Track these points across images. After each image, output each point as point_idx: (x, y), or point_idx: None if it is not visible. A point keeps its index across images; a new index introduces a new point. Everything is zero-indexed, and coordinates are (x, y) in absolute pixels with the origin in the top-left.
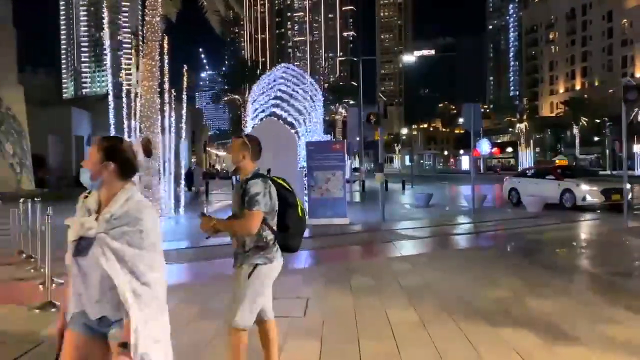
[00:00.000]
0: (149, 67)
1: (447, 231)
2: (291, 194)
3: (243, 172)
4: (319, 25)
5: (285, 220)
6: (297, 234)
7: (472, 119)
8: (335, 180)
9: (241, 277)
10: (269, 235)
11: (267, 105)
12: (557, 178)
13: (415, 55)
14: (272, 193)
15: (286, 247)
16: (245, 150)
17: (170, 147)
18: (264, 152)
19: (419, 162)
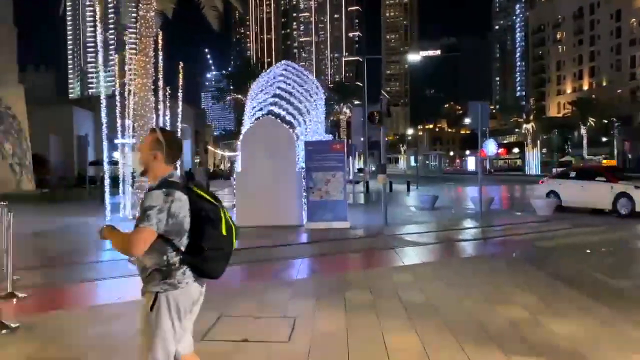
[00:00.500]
0: (143, 64)
1: (453, 237)
2: (213, 207)
3: (151, 177)
4: (324, 26)
5: (201, 240)
6: (217, 257)
7: (480, 118)
8: (336, 182)
9: (143, 310)
10: (173, 256)
11: (265, 104)
12: (609, 180)
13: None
14: (176, 209)
15: (201, 272)
16: (157, 149)
17: None
18: (261, 152)
19: (424, 162)
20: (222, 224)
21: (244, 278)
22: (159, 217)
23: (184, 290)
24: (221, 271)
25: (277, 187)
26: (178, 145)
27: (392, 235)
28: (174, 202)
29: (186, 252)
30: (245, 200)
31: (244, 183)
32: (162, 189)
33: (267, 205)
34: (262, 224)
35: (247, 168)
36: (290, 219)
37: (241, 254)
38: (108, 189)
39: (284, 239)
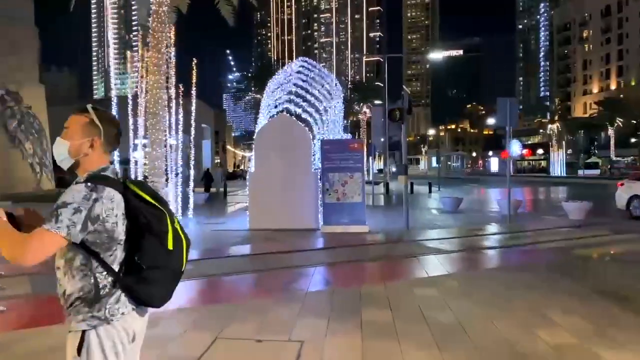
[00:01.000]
0: (155, 61)
1: (479, 243)
2: (157, 212)
3: (82, 170)
4: (345, 27)
5: (139, 256)
6: (159, 279)
7: (508, 115)
8: (353, 183)
9: (69, 352)
10: (102, 278)
11: (280, 101)
12: None
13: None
14: (101, 211)
15: (138, 299)
16: (94, 135)
17: (178, 146)
18: (276, 152)
19: (446, 163)
20: (169, 235)
21: (247, 290)
22: (72, 219)
23: (120, 323)
24: (164, 297)
25: (292, 189)
26: (117, 127)
27: (414, 241)
28: (99, 201)
29: (121, 271)
30: (259, 202)
31: (257, 184)
32: (86, 183)
33: (281, 207)
34: (276, 227)
35: (260, 168)
36: (305, 222)
37: (248, 261)
38: None
39: (297, 244)
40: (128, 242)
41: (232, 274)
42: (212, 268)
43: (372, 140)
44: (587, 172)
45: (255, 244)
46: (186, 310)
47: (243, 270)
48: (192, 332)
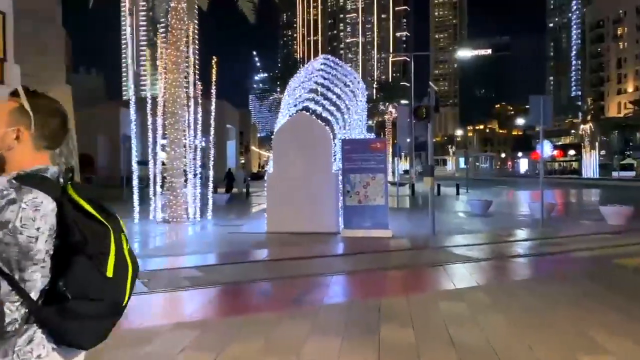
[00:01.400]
0: (174, 58)
1: (511, 250)
2: (100, 229)
3: (9, 168)
4: (371, 26)
5: (65, 282)
6: (92, 314)
7: (541, 113)
8: (376, 185)
9: None
10: (11, 309)
11: (300, 99)
12: None
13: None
14: (15, 217)
15: (60, 337)
16: (20, 124)
17: (197, 145)
18: (295, 152)
19: (474, 164)
20: (110, 259)
21: (256, 301)
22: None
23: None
24: (95, 338)
25: (312, 190)
26: (59, 117)
27: (441, 248)
28: (15, 204)
29: (40, 300)
30: (277, 204)
31: (275, 185)
32: (11, 179)
33: (300, 209)
34: (295, 230)
35: (279, 169)
36: (325, 226)
37: (261, 268)
38: (137, 191)
39: (315, 249)
40: (54, 263)
41: (242, 283)
42: (221, 275)
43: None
44: (622, 174)
45: (271, 248)
46: (187, 324)
47: (254, 278)
48: (191, 351)
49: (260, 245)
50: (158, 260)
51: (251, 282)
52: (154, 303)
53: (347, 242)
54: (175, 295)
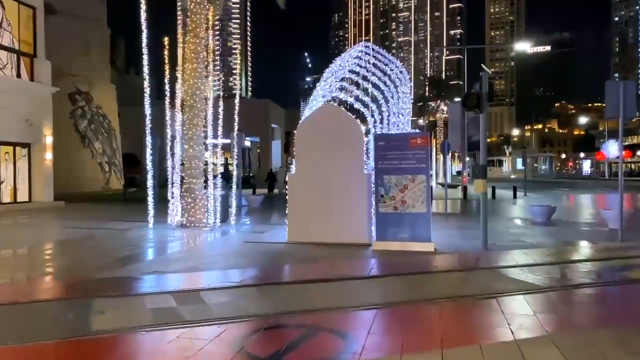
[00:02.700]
0: (193, 46)
1: (587, 275)
2: None
3: None
4: (424, 25)
5: None
6: None
7: (622, 102)
8: (415, 189)
9: None
10: None
11: (329, 89)
12: None
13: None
14: None
15: None
16: None
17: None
18: (320, 150)
19: (532, 165)
20: None
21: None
22: None
23: None
24: None
25: (340, 194)
26: None
27: (495, 270)
28: None
29: None
30: (299, 209)
31: (297, 188)
32: None
33: (325, 216)
34: (319, 240)
35: (302, 169)
36: (354, 236)
37: (261, 296)
38: (152, 192)
39: (337, 268)
40: None
41: (223, 321)
42: (204, 308)
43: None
44: None
45: (284, 265)
46: None
47: (244, 313)
48: None
49: (272, 260)
50: (133, 278)
51: (235, 320)
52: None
53: (378, 258)
54: (103, 340)
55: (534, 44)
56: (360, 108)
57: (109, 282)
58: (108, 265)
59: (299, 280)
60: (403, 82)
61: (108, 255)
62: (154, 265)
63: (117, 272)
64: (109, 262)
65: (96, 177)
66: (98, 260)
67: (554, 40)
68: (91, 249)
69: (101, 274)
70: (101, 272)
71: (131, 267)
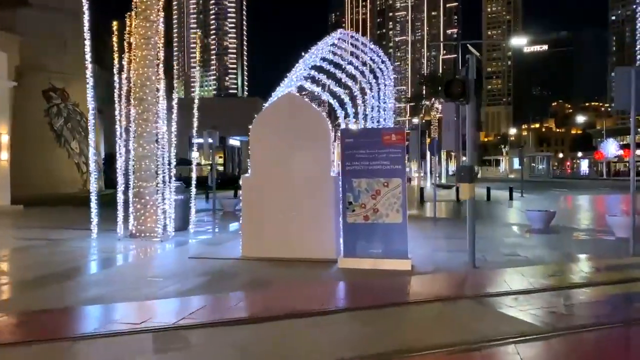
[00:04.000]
0: (143, 31)
1: (600, 306)
2: None
3: None
4: (421, 24)
5: None
6: None
7: (634, 91)
8: (390, 195)
9: None
10: None
11: (297, 78)
12: None
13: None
14: None
15: None
16: None
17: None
18: (279, 148)
19: (529, 165)
20: None
21: None
22: None
23: None
24: None
25: (302, 201)
26: None
27: (482, 300)
28: None
29: None
30: (255, 219)
31: (253, 194)
32: None
33: (285, 228)
34: (277, 255)
35: (258, 171)
36: (319, 251)
37: (174, 339)
38: (95, 197)
39: (287, 298)
40: None
41: None
42: None
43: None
44: None
45: (219, 293)
46: None
47: None
48: None
49: (209, 286)
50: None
51: None
52: None
53: (344, 281)
54: None
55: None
56: (330, 99)
57: None
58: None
59: (225, 320)
60: (385, 74)
61: (15, 276)
62: (58, 292)
63: (9, 301)
64: (10, 286)
65: (73, 178)
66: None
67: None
68: (5, 266)
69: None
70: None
71: (28, 296)
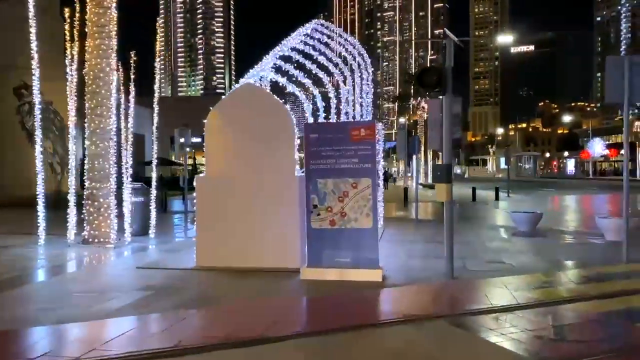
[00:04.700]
0: (96, 18)
1: (594, 328)
2: None
3: None
4: (409, 25)
5: None
6: None
7: (627, 82)
8: (359, 197)
9: None
10: None
11: (262, 68)
12: None
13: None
14: None
15: None
16: None
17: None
18: (237, 145)
19: (516, 165)
20: None
21: None
22: None
23: None
24: None
25: (263, 204)
26: None
27: (461, 318)
28: None
29: None
30: (210, 224)
31: (208, 196)
32: None
33: (244, 234)
34: (235, 265)
35: (214, 170)
36: (281, 259)
37: None
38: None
39: (237, 317)
40: None
41: None
42: None
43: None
44: None
45: (162, 311)
46: None
47: None
48: None
49: (148, 303)
50: None
51: None
52: None
53: (301, 297)
54: None
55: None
56: (296, 91)
57: None
58: None
59: (142, 353)
60: (363, 67)
61: None
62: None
63: None
64: None
65: (46, 178)
66: None
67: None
68: None
69: None
70: None
71: None
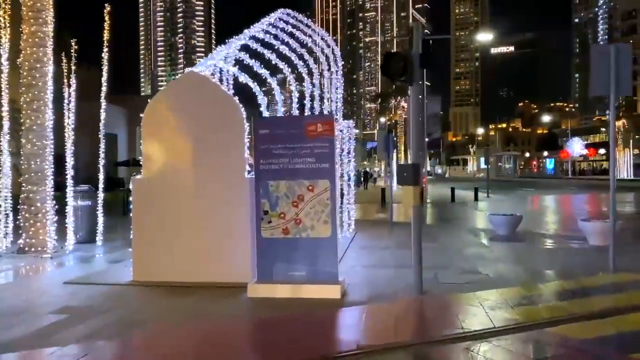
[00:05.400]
0: (31, 2)
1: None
2: None
3: None
4: (390, 25)
5: None
6: None
7: (613, 73)
8: (315, 201)
9: None
10: None
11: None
12: None
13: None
14: None
15: None
16: None
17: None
18: (179, 143)
19: (496, 165)
20: None
21: None
22: None
23: None
24: None
25: (207, 209)
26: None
27: (426, 349)
28: None
29: None
30: (148, 233)
31: (145, 200)
32: None
33: (185, 244)
34: (175, 279)
35: (152, 171)
36: (228, 273)
37: None
38: None
39: (154, 351)
40: None
41: None
42: None
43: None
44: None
45: (68, 342)
46: None
47: None
48: None
49: (56, 331)
50: None
51: None
52: None
53: (251, 318)
54: None
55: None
56: (249, 82)
57: None
58: None
59: None
60: (332, 60)
61: None
62: None
63: None
64: None
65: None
66: None
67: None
68: None
69: None
70: None
71: None
